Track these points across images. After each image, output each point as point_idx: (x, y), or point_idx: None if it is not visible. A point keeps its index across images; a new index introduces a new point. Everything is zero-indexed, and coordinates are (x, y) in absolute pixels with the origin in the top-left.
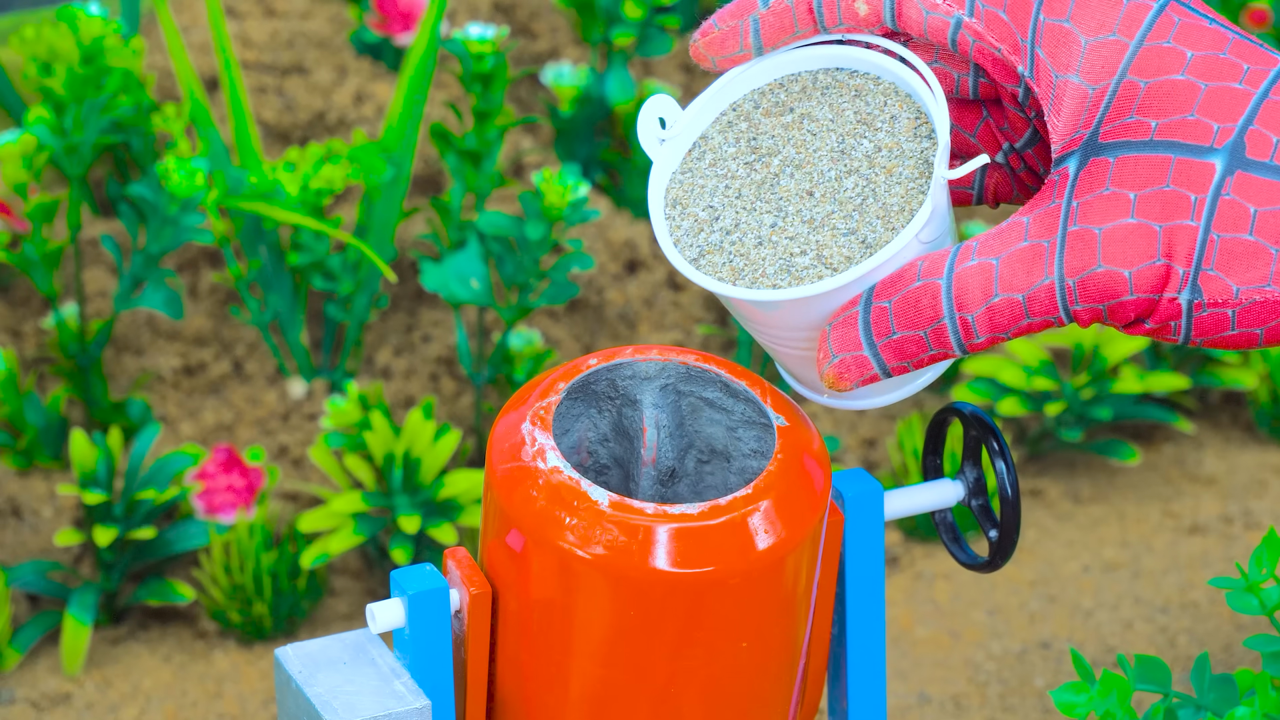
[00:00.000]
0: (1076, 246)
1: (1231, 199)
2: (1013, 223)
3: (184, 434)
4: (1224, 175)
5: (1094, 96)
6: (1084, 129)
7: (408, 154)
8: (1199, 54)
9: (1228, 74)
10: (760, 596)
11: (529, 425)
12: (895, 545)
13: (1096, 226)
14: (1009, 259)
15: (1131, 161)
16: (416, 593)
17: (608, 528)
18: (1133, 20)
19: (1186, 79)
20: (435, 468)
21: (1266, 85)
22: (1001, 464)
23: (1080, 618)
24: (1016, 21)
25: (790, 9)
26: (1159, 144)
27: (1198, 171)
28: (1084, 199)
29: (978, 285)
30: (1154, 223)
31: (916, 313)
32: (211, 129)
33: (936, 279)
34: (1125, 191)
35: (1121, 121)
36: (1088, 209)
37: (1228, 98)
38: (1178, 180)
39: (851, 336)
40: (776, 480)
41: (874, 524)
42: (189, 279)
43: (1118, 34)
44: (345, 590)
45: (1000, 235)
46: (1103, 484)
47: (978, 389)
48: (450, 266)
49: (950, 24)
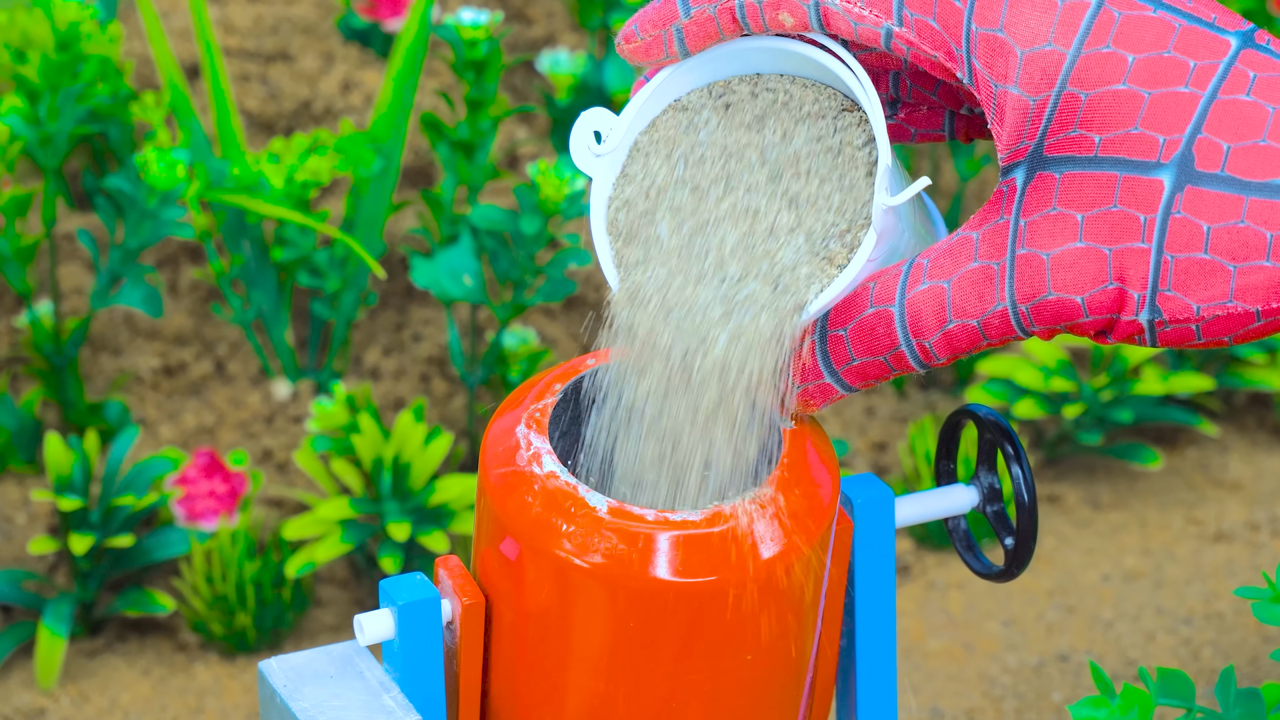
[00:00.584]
0: (1025, 271)
1: (1183, 217)
2: (962, 239)
3: (164, 437)
4: (1173, 192)
5: (1035, 108)
6: (1028, 140)
7: (397, 145)
8: (1141, 56)
9: (1172, 76)
10: (765, 607)
11: (524, 428)
12: (907, 553)
13: (1044, 251)
14: (960, 282)
15: (1077, 180)
16: (406, 603)
17: (606, 535)
18: (1068, 25)
19: (1129, 89)
20: (426, 472)
21: (1214, 84)
22: (1018, 469)
23: (1100, 629)
24: (949, 30)
25: (713, 19)
26: (1104, 160)
27: (1145, 189)
28: (1031, 218)
29: (931, 312)
30: (1103, 246)
31: (873, 340)
32: (192, 119)
33: (889, 306)
34: (1072, 213)
35: (1065, 135)
36: (1035, 230)
37: (1173, 106)
38: (1125, 200)
39: (811, 366)
40: (783, 486)
41: (884, 531)
42: (169, 275)
43: (1053, 43)
44: (332, 600)
45: (950, 254)
46: (1123, 489)
47: (993, 390)
48: (442, 262)
49: (880, 34)
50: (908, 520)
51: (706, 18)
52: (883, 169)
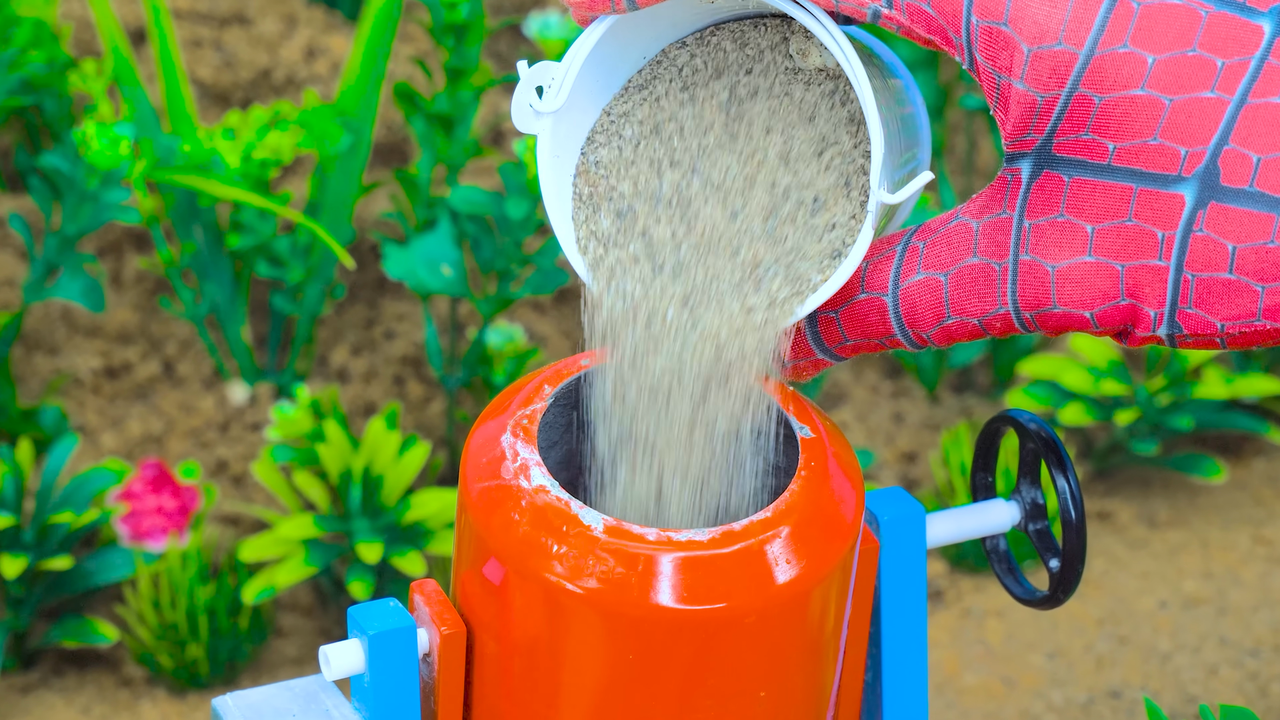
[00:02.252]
0: (1029, 280)
1: (1206, 235)
2: (961, 226)
3: (106, 447)
4: (1195, 209)
5: (1043, 105)
6: (1036, 134)
7: (367, 119)
8: (1162, 57)
9: (1197, 79)
10: (780, 638)
11: (510, 437)
12: (939, 577)
13: (1050, 263)
14: (958, 278)
15: (1088, 187)
16: (378, 633)
17: (602, 557)
18: (1081, 21)
19: (1147, 94)
20: (400, 486)
21: (1244, 86)
22: (1064, 482)
23: (1156, 662)
24: (946, 18)
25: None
26: (1118, 170)
27: (1164, 204)
28: (1036, 221)
29: (927, 306)
30: (1115, 261)
31: (866, 325)
32: (138, 89)
33: (882, 295)
34: (1081, 223)
35: (1076, 137)
36: (1040, 236)
37: (1196, 113)
38: (1141, 214)
39: (802, 345)
40: (800, 501)
41: (914, 553)
42: (112, 265)
43: (1064, 42)
44: (294, 630)
45: (948, 242)
46: (1183, 505)
47: (1036, 394)
48: (418, 251)
49: (867, 13)
50: (940, 540)
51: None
52: (877, 163)
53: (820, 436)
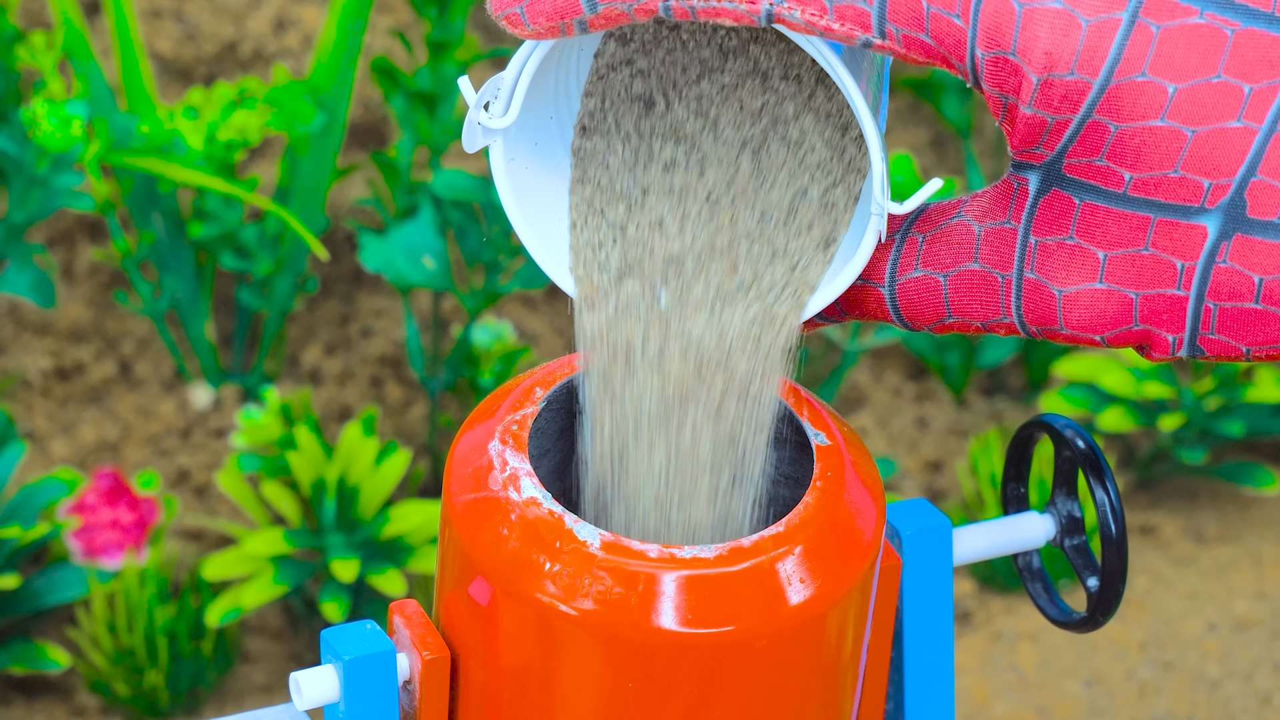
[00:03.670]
0: (1034, 299)
1: (1230, 267)
2: (961, 226)
3: (56, 455)
4: (1219, 240)
5: (1053, 126)
6: (1045, 150)
7: (343, 96)
8: (1183, 86)
9: (1222, 108)
10: (793, 664)
11: (498, 444)
12: (967, 597)
13: (1057, 287)
14: (958, 281)
15: (1101, 213)
16: (354, 658)
17: (599, 575)
18: (1095, 50)
19: (1167, 126)
20: (378, 498)
21: (1274, 113)
22: (1103, 493)
23: (1205, 690)
24: (947, 47)
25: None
26: (1135, 200)
27: (1184, 235)
28: (1043, 239)
29: (927, 304)
30: (1129, 290)
31: (863, 309)
32: (91, 64)
33: (879, 285)
34: (1092, 249)
35: (1089, 162)
36: (1047, 257)
37: (1221, 145)
38: (1159, 244)
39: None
40: (815, 515)
41: (940, 570)
42: (63, 257)
43: (1077, 73)
44: (263, 655)
45: (947, 242)
46: (1233, 518)
47: (1073, 397)
48: (397, 240)
49: (857, 42)
50: (968, 556)
51: (618, 14)
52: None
53: (837, 444)
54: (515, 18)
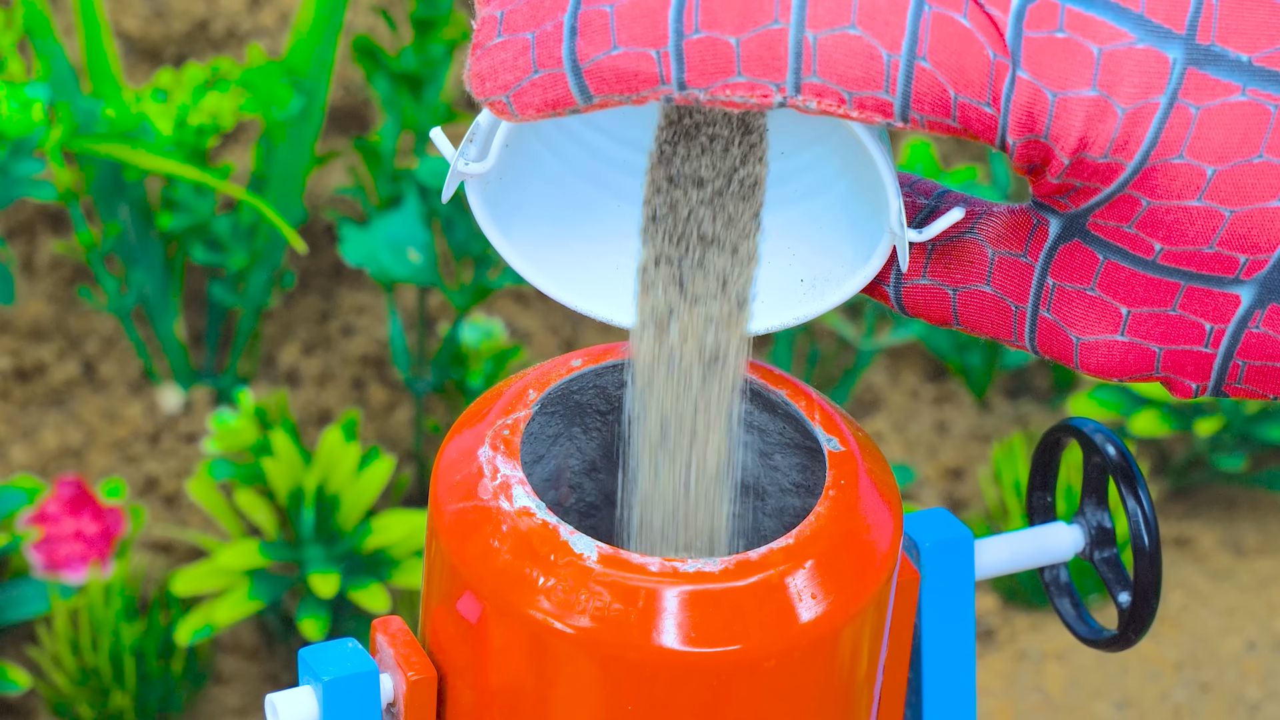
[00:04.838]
0: (1050, 339)
1: (1263, 333)
2: (973, 243)
3: (16, 461)
4: (1253, 308)
5: (1079, 190)
6: (1071, 204)
7: (322, 78)
8: (1224, 168)
9: (1262, 188)
10: (804, 685)
11: (489, 450)
12: (991, 614)
13: (1075, 334)
14: (969, 298)
15: (1125, 274)
16: (334, 679)
17: (597, 590)
18: (1131, 136)
19: (1205, 206)
20: (360, 508)
21: None
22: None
23: (1243, 712)
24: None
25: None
26: (1165, 269)
27: (1216, 301)
28: (1061, 284)
29: (934, 311)
30: (1152, 344)
31: (868, 292)
32: (53, 44)
33: (883, 283)
34: (1115, 304)
35: (1117, 226)
36: (1066, 302)
37: (1261, 223)
38: (1189, 307)
39: None
40: (827, 526)
41: (961, 585)
42: (23, 249)
43: (1111, 156)
44: (236, 675)
45: (956, 258)
46: (1273, 530)
47: (1103, 399)
48: (380, 232)
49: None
50: (992, 570)
51: (615, 103)
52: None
53: (850, 450)
54: (502, 106)
